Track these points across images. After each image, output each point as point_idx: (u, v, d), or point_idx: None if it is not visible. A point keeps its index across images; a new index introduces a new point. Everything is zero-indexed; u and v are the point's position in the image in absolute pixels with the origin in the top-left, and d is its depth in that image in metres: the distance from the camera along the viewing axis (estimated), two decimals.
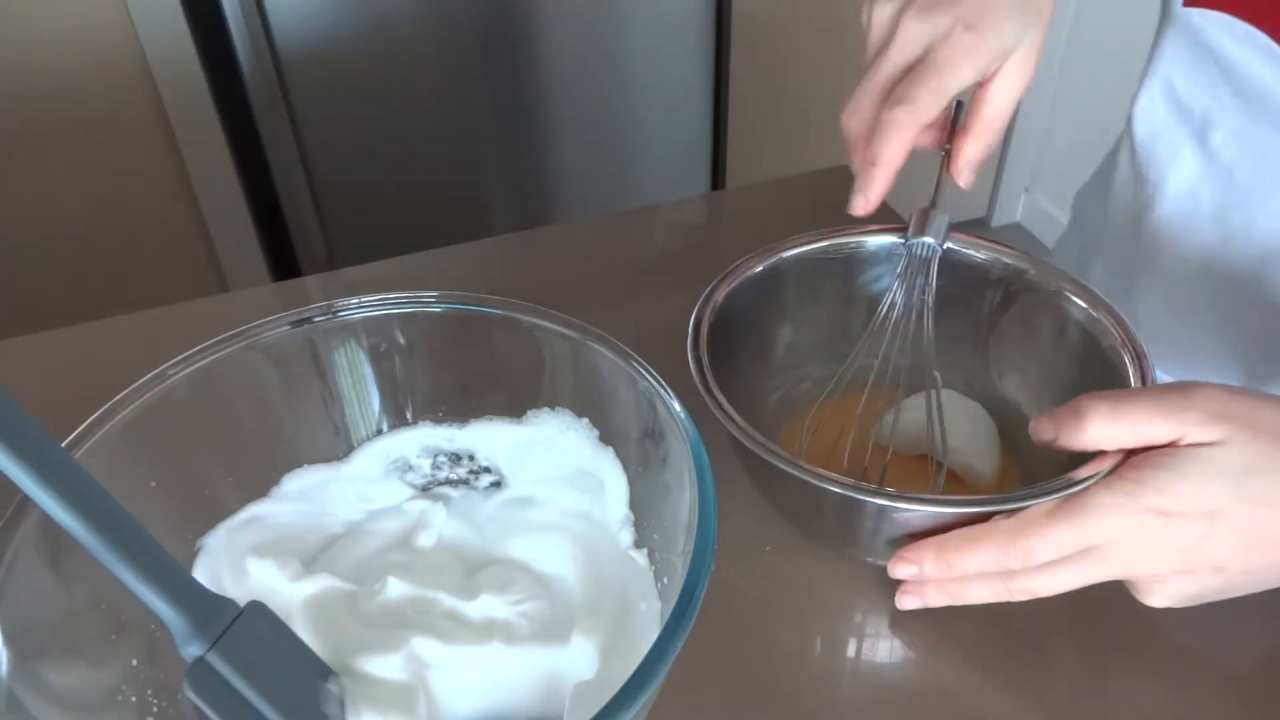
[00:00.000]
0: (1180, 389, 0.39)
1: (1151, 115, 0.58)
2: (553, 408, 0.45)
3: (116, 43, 1.37)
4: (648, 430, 0.41)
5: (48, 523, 0.34)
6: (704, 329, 0.48)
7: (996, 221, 2.20)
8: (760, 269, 0.53)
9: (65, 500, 0.29)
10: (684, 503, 0.37)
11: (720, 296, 0.50)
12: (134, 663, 0.37)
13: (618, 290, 0.59)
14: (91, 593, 0.36)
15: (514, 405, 0.45)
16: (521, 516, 0.46)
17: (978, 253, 0.54)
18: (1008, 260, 0.53)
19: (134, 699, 0.36)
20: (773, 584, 0.49)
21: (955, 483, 0.52)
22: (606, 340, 0.41)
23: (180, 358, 0.40)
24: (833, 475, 0.41)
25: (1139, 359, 0.47)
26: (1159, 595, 0.41)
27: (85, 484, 0.30)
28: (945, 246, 0.51)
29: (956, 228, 0.52)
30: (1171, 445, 0.38)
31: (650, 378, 0.40)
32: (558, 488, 0.46)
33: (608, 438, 0.44)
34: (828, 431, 0.53)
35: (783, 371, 0.57)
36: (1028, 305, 0.53)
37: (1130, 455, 0.40)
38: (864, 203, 0.48)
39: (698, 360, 0.47)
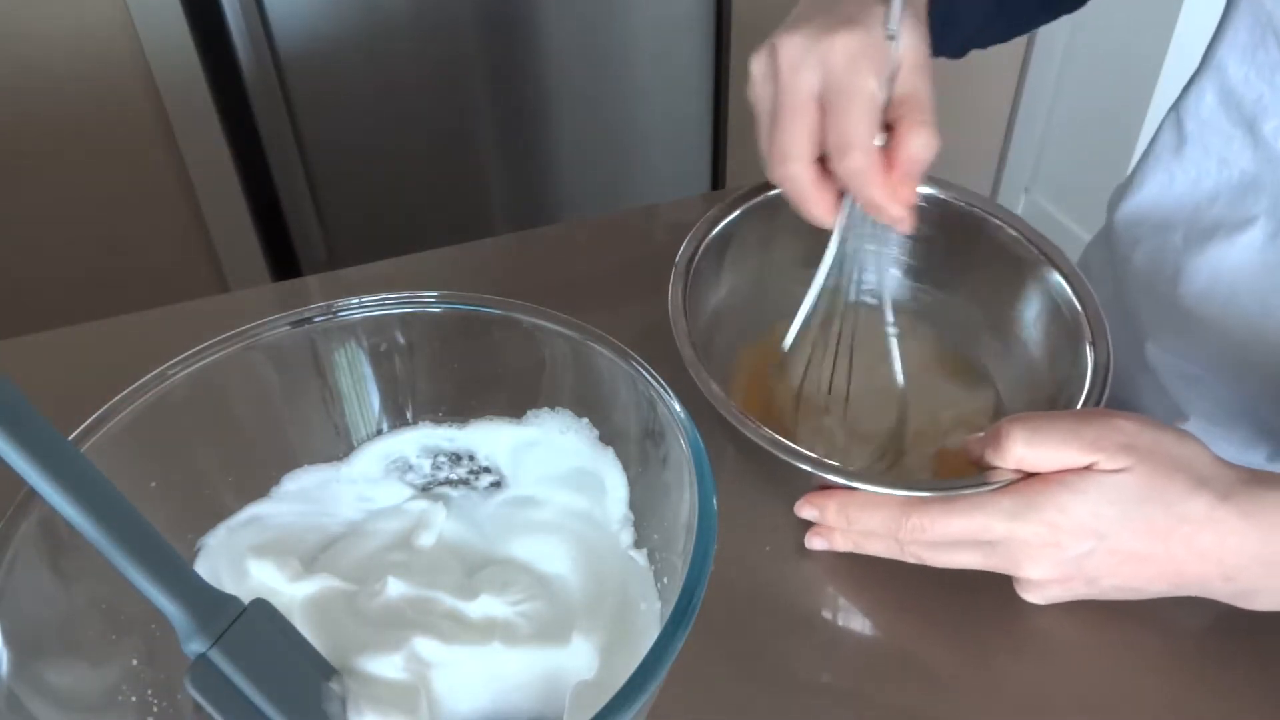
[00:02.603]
0: (1096, 419, 0.42)
1: (1200, 104, 0.57)
2: (553, 408, 0.45)
3: (116, 43, 1.37)
4: (648, 430, 0.41)
5: (48, 522, 0.34)
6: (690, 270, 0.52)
7: None
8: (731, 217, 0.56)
9: (69, 492, 0.29)
10: (684, 503, 0.37)
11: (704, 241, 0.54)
12: (134, 663, 0.37)
13: (618, 290, 0.59)
14: (91, 593, 0.36)
15: (514, 405, 0.45)
16: (521, 516, 0.46)
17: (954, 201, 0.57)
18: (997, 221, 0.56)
19: (134, 699, 0.36)
20: (772, 584, 0.49)
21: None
22: (606, 340, 0.41)
23: (180, 358, 0.40)
24: (777, 438, 0.45)
25: (1096, 335, 0.50)
26: (1035, 594, 0.45)
27: (89, 476, 0.30)
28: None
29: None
30: (1084, 469, 0.41)
31: (650, 378, 0.40)
32: (558, 488, 0.46)
33: (608, 438, 0.44)
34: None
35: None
36: (1005, 267, 0.56)
37: None
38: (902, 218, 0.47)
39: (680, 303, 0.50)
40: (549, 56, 1.61)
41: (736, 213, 0.56)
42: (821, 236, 0.52)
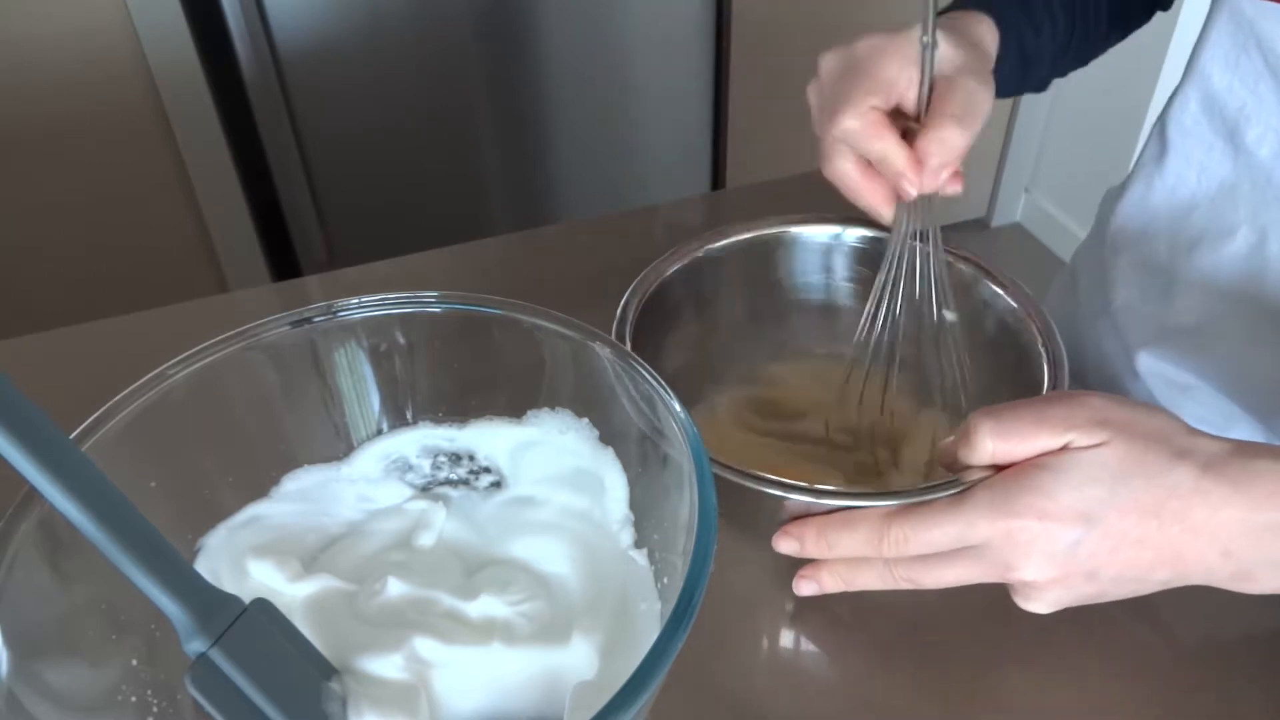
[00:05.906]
0: (1063, 399, 0.40)
1: (1184, 113, 0.57)
2: (553, 408, 0.45)
3: (116, 43, 1.37)
4: (648, 430, 0.41)
5: (48, 522, 0.34)
6: (631, 315, 0.52)
7: (996, 221, 2.20)
8: (688, 261, 0.57)
9: (69, 492, 0.29)
10: (684, 503, 0.37)
11: (653, 285, 0.55)
12: (134, 663, 0.37)
13: (618, 290, 0.59)
14: (91, 593, 0.36)
15: (514, 405, 0.45)
16: (521, 516, 0.46)
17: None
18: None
19: (134, 699, 0.36)
20: (772, 584, 0.49)
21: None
22: (606, 340, 0.41)
23: (180, 358, 0.40)
24: (736, 467, 0.43)
25: (1055, 362, 0.48)
26: (1037, 602, 0.41)
27: (89, 475, 0.30)
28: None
29: (955, 229, 0.52)
30: (1060, 450, 0.39)
31: (650, 378, 0.40)
32: (558, 488, 0.46)
33: (608, 438, 0.44)
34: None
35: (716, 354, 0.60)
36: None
37: None
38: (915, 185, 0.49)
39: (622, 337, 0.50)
40: (549, 56, 1.61)
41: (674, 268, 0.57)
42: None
